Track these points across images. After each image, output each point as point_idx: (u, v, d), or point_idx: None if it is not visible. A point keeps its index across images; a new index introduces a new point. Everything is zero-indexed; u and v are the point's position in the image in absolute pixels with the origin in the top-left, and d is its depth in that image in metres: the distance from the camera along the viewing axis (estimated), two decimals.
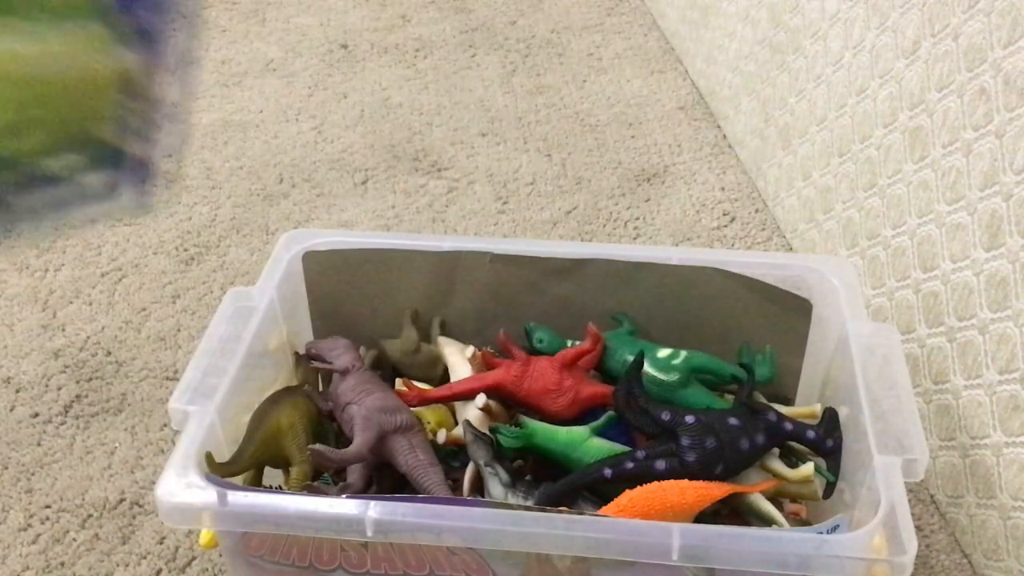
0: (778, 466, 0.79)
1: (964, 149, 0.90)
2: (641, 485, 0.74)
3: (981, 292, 0.87)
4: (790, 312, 0.89)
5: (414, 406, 0.87)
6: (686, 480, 0.75)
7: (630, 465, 0.76)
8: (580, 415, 0.85)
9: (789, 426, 0.79)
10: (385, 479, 0.83)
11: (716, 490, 0.75)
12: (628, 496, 0.74)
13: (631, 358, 0.85)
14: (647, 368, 0.85)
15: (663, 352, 0.87)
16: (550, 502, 0.76)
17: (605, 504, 0.74)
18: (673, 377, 0.85)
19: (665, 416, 0.77)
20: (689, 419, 0.76)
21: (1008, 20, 0.84)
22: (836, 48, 1.14)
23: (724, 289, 0.90)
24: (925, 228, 0.97)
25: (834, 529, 0.72)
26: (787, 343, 0.90)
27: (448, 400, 0.88)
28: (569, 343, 0.90)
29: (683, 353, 0.86)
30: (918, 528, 0.94)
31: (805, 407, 0.86)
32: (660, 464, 0.75)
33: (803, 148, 1.24)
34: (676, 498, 0.73)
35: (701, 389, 0.86)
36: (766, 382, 0.88)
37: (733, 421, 0.77)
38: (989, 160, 0.86)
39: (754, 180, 1.41)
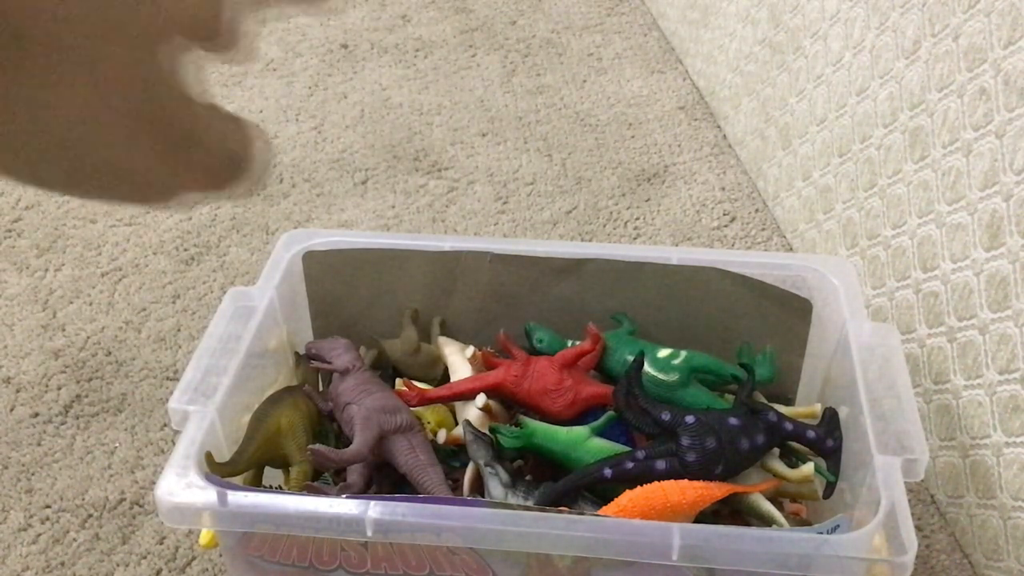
0: (778, 466, 0.79)
1: (964, 149, 0.90)
2: (641, 485, 0.74)
3: (981, 292, 0.87)
4: (790, 312, 0.89)
5: (414, 406, 0.87)
6: (686, 480, 0.75)
7: (630, 465, 0.76)
8: (580, 415, 0.85)
9: (789, 426, 0.79)
10: (385, 479, 0.83)
11: (716, 490, 0.75)
12: (628, 496, 0.74)
13: (631, 358, 0.85)
14: (647, 368, 0.85)
15: (663, 352, 0.87)
16: (550, 502, 0.76)
17: (605, 504, 0.74)
18: (673, 377, 0.85)
19: (665, 416, 0.77)
20: (689, 419, 0.76)
21: (1008, 20, 0.84)
22: (836, 48, 1.14)
23: (724, 289, 0.90)
24: (925, 228, 0.97)
25: (834, 529, 0.72)
26: (787, 343, 0.90)
27: (448, 400, 0.88)
28: (569, 343, 0.90)
29: (683, 353, 0.86)
30: (918, 528, 0.94)
31: (805, 407, 0.86)
32: (660, 464, 0.75)
33: (803, 148, 1.24)
34: (677, 497, 0.73)
35: (701, 389, 0.86)
36: (766, 382, 0.88)
37: (733, 421, 0.77)
38: (989, 160, 0.86)
39: (754, 180, 1.41)
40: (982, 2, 0.87)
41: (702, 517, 0.75)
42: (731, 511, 0.79)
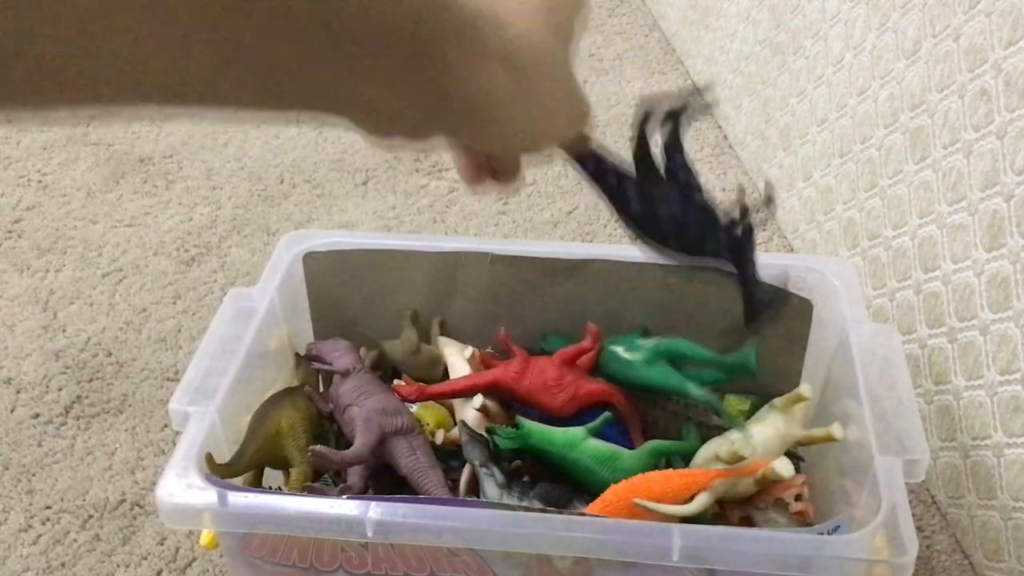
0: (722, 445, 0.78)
1: (965, 150, 0.90)
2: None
3: (982, 293, 0.87)
4: (790, 312, 0.89)
5: (412, 401, 0.87)
6: (670, 470, 0.77)
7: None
8: (580, 411, 0.86)
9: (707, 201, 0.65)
10: (384, 481, 0.83)
11: (702, 476, 0.75)
12: (613, 490, 0.74)
13: (618, 348, 0.86)
14: (616, 347, 0.86)
15: (641, 339, 0.87)
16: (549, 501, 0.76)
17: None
18: (636, 356, 0.85)
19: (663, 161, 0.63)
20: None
21: (1009, 21, 0.84)
22: (837, 49, 1.14)
23: (724, 289, 0.90)
24: (926, 228, 0.97)
25: (835, 530, 0.72)
26: (787, 344, 0.90)
27: (447, 396, 0.88)
28: None
29: (658, 339, 0.86)
30: (919, 529, 0.94)
31: (821, 428, 0.81)
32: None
33: (804, 148, 1.24)
34: (661, 487, 0.73)
35: (667, 369, 0.84)
36: (746, 371, 0.85)
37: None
38: (990, 160, 0.86)
39: (755, 180, 1.40)
40: (983, 2, 0.87)
41: (703, 518, 0.75)
42: (735, 514, 0.79)
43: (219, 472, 0.75)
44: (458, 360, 0.92)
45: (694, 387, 0.82)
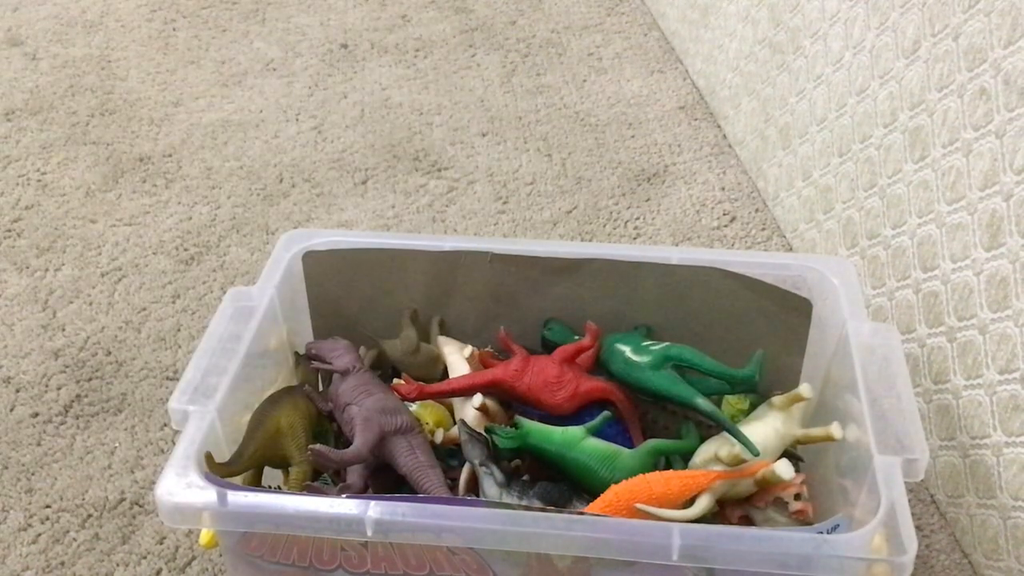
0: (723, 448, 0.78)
1: (964, 149, 0.90)
2: None
3: (981, 292, 0.87)
4: (790, 312, 0.89)
5: (413, 399, 0.87)
6: (670, 471, 0.76)
7: None
8: (579, 409, 0.86)
9: None
10: (383, 480, 0.83)
11: (702, 478, 0.75)
12: (613, 491, 0.74)
13: (622, 347, 0.86)
14: (622, 347, 0.86)
15: (648, 341, 0.87)
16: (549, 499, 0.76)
17: (603, 503, 0.74)
18: (644, 359, 0.85)
19: None
20: None
21: (1008, 20, 0.84)
22: (836, 48, 1.14)
23: (724, 289, 0.90)
24: (925, 228, 0.97)
25: (834, 529, 0.72)
26: (787, 343, 0.90)
27: (447, 395, 0.88)
28: (576, 338, 0.91)
29: (666, 343, 0.86)
30: (918, 528, 0.94)
31: (821, 428, 0.82)
32: None
33: (803, 148, 1.24)
34: (661, 489, 0.74)
35: (675, 377, 0.84)
36: (746, 380, 0.85)
37: None
38: (989, 160, 0.86)
39: (754, 180, 1.41)
40: (982, 2, 0.87)
41: (703, 517, 0.75)
42: (735, 513, 0.79)
43: (218, 471, 0.75)
44: (457, 359, 0.92)
45: (703, 401, 0.82)
